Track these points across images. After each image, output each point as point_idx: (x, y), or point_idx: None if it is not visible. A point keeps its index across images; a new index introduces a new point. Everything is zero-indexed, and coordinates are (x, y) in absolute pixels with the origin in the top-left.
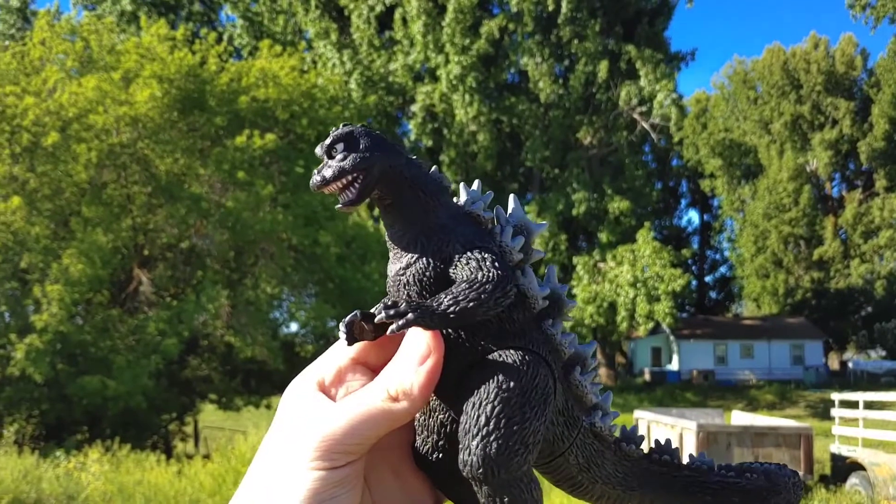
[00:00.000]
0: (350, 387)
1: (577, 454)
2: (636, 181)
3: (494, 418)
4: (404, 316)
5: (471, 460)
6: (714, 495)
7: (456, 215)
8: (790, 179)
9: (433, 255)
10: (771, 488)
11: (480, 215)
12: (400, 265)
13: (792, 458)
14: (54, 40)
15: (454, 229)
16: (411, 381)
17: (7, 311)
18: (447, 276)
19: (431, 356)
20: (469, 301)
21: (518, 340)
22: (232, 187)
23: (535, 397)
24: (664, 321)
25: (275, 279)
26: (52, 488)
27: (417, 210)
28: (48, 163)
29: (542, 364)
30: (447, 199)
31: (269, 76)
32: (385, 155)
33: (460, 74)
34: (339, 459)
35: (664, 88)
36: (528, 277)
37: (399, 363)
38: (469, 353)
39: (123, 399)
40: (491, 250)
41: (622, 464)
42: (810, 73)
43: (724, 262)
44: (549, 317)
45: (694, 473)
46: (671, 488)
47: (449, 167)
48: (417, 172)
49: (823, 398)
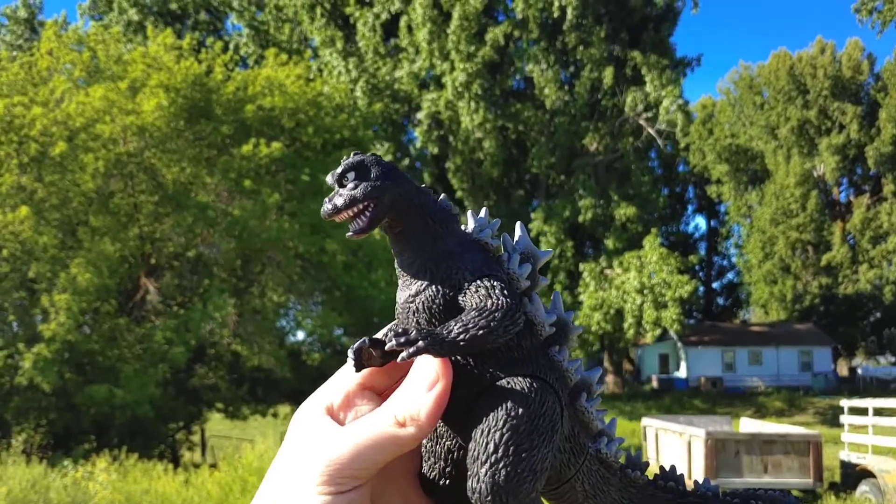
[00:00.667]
0: (358, 411)
1: (583, 481)
2: (642, 187)
3: (503, 445)
4: (414, 344)
5: (480, 487)
6: None
7: (464, 243)
8: (797, 185)
9: (442, 282)
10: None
11: (488, 243)
12: (409, 292)
13: (801, 466)
14: (61, 50)
15: (462, 256)
16: (419, 407)
17: (15, 320)
18: (456, 304)
19: (440, 382)
20: (479, 329)
21: (526, 367)
22: (238, 196)
23: (544, 424)
24: (671, 328)
25: (281, 287)
26: (59, 497)
27: (426, 238)
28: (56, 172)
29: (549, 391)
30: (456, 226)
31: (274, 85)
32: (395, 183)
33: (466, 81)
34: (346, 484)
35: (670, 94)
36: (535, 304)
37: (407, 389)
38: (477, 380)
39: (131, 408)
40: (499, 278)
41: (628, 490)
42: (817, 77)
43: (732, 268)
44: (556, 343)
45: (699, 500)
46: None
47: (455, 174)
48: (426, 200)
49: (832, 405)
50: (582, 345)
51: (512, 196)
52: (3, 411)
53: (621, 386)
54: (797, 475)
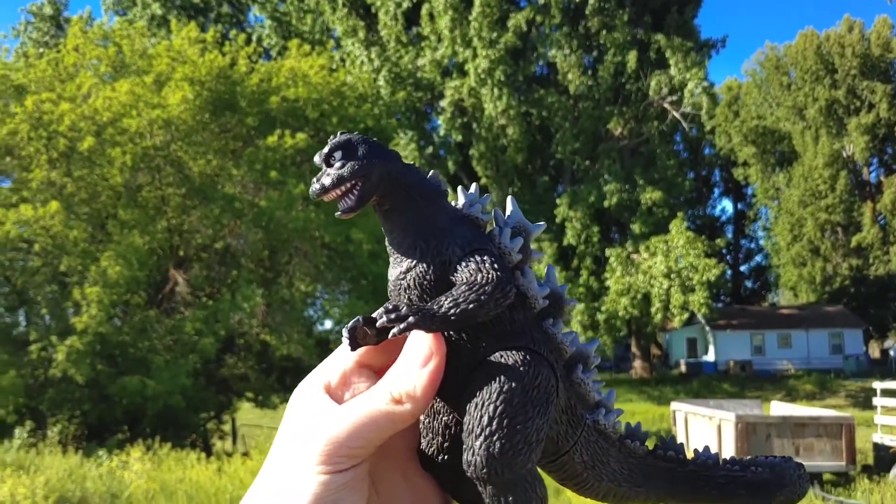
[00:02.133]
0: (356, 389)
1: (581, 452)
2: (668, 171)
3: (497, 418)
4: (405, 319)
5: (475, 460)
6: (721, 489)
7: (454, 218)
8: (826, 165)
9: (432, 258)
10: (776, 481)
11: (479, 218)
12: (400, 269)
13: (833, 449)
14: (87, 46)
15: (452, 232)
16: (414, 384)
17: (48, 313)
18: (447, 279)
19: (433, 358)
20: (469, 303)
21: (519, 340)
22: (264, 187)
23: (538, 396)
24: (699, 312)
25: (308, 277)
26: (95, 487)
27: (416, 214)
28: (84, 167)
29: (543, 363)
30: (445, 202)
31: (298, 76)
32: (383, 161)
33: (488, 68)
34: (344, 463)
35: (695, 77)
36: (527, 278)
37: (402, 366)
38: (471, 354)
39: (162, 398)
40: (489, 252)
41: (627, 461)
42: (845, 56)
43: (760, 250)
44: (550, 316)
45: (699, 468)
46: (677, 484)
47: (479, 161)
48: (415, 177)
49: (864, 387)
50: (609, 330)
51: (537, 182)
52: (38, 403)
53: (649, 371)
54: (829, 458)
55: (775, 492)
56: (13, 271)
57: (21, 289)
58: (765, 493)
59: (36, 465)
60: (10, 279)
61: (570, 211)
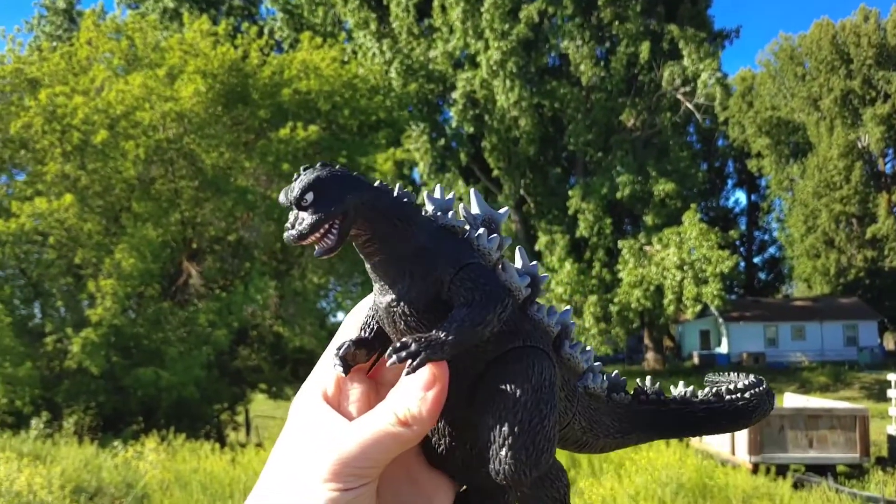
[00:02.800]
0: (352, 395)
1: (580, 420)
2: (681, 162)
3: (518, 425)
4: (417, 356)
5: (503, 469)
6: (703, 422)
7: (433, 233)
8: (841, 156)
9: (424, 282)
10: (752, 405)
11: (455, 226)
12: (391, 297)
13: (847, 441)
14: (100, 40)
15: (437, 251)
16: (420, 408)
17: (63, 305)
18: (441, 300)
19: (437, 384)
20: (474, 325)
21: (516, 339)
22: (277, 179)
23: (547, 392)
24: (712, 304)
25: (321, 269)
26: (111, 477)
27: (396, 239)
28: (98, 160)
29: (543, 357)
30: (421, 218)
31: (310, 68)
32: (356, 193)
33: (500, 60)
34: (352, 482)
35: (708, 67)
36: (508, 273)
37: (406, 387)
38: (474, 362)
39: (176, 390)
40: (478, 266)
41: (616, 413)
42: (860, 46)
43: (773, 242)
44: (532, 301)
45: (681, 405)
46: (663, 423)
47: (491, 153)
48: (388, 200)
49: (879, 379)
50: (622, 322)
51: (549, 174)
52: (54, 394)
53: (662, 363)
54: (843, 450)
55: (751, 415)
56: (28, 264)
57: (36, 281)
58: (744, 417)
59: (52, 456)
60: (25, 272)
61: (582, 203)
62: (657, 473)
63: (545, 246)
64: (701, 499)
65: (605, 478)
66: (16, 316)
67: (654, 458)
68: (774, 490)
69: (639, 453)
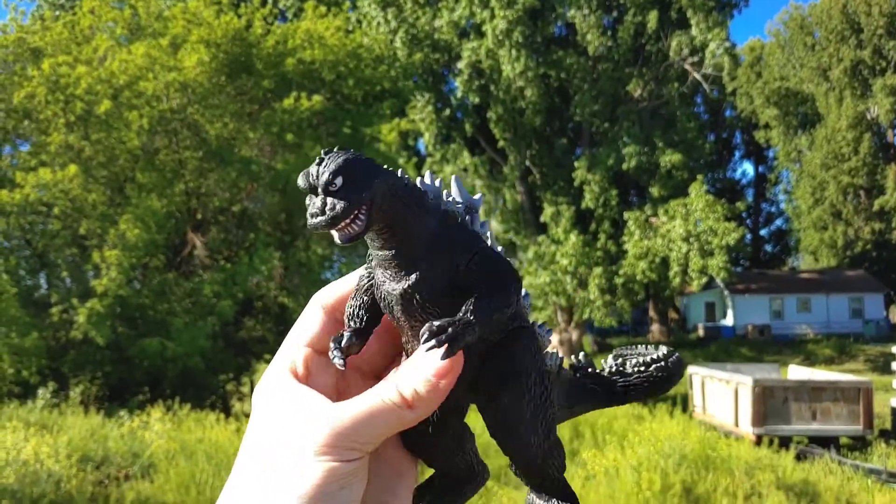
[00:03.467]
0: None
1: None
2: (688, 133)
3: (533, 401)
4: (457, 338)
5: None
6: (635, 390)
7: (440, 218)
8: (850, 128)
9: (441, 268)
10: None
11: (454, 212)
12: (408, 283)
13: (850, 413)
14: (103, 9)
15: (447, 236)
16: (427, 392)
17: (68, 276)
18: (457, 284)
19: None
20: (500, 307)
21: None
22: (281, 150)
23: (543, 367)
24: (718, 276)
25: (325, 240)
26: (117, 446)
27: (413, 225)
28: (102, 130)
29: (534, 336)
30: (427, 201)
31: (314, 37)
32: (382, 179)
33: (506, 29)
34: (349, 454)
35: (716, 37)
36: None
37: (416, 370)
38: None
39: (182, 360)
40: (489, 249)
41: (563, 388)
42: (871, 15)
43: (780, 214)
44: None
45: (616, 377)
46: (598, 395)
47: (496, 124)
48: (402, 186)
49: (884, 352)
50: (627, 294)
51: (555, 145)
52: (60, 364)
53: (667, 335)
54: (846, 422)
55: (671, 379)
56: (34, 234)
57: (42, 252)
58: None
59: (59, 425)
60: (30, 242)
61: (588, 174)
62: (660, 445)
63: (550, 217)
64: (704, 470)
65: (608, 449)
66: (21, 286)
67: (658, 430)
68: (777, 462)
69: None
